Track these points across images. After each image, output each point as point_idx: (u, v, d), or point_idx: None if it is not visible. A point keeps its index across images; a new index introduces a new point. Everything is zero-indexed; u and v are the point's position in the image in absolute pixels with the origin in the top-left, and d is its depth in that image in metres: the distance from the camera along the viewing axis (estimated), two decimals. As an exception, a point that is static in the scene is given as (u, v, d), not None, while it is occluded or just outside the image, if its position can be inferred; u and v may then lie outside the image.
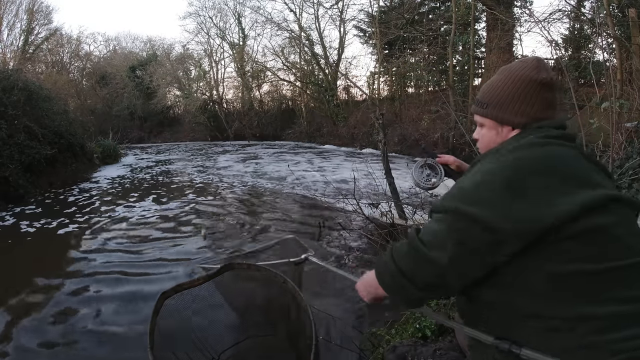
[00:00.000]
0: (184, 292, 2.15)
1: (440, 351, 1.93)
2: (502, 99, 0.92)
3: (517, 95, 0.90)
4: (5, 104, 8.15)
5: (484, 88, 0.98)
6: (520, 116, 0.91)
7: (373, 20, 17.29)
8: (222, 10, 22.57)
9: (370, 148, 15.13)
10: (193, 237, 5.32)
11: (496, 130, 0.95)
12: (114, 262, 4.52)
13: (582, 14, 8.25)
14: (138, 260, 4.58)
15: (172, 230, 5.70)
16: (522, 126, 0.91)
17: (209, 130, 23.01)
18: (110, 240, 5.29)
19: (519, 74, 0.91)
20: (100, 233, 5.64)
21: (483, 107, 0.97)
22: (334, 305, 3.29)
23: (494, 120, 0.95)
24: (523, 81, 0.90)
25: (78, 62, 24.70)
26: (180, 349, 2.00)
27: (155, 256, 4.68)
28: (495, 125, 0.95)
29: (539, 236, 0.74)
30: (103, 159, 12.81)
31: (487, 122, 0.97)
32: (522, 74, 0.90)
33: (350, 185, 5.45)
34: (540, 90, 0.90)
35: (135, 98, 23.19)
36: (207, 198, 7.89)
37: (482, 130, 1.00)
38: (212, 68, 23.88)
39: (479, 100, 0.99)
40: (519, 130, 0.92)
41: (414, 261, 0.83)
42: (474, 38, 13.11)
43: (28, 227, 5.93)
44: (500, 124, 0.94)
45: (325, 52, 20.52)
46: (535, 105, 0.90)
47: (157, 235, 5.46)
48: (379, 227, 4.41)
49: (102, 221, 6.24)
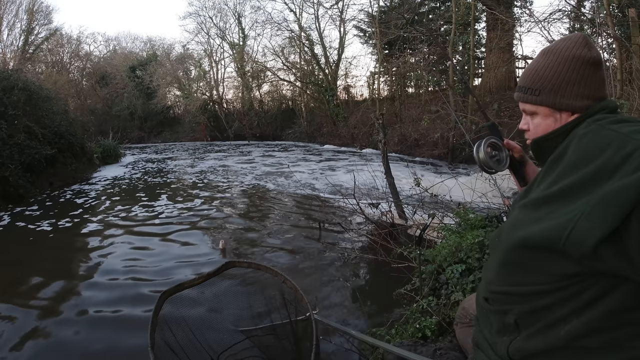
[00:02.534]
0: (184, 292, 2.15)
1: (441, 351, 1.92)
2: (557, 83, 0.85)
3: (573, 77, 0.84)
4: (5, 104, 8.15)
5: (529, 72, 0.89)
6: (581, 99, 0.84)
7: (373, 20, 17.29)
8: (222, 10, 22.66)
9: (370, 148, 15.13)
10: (193, 238, 5.32)
11: (553, 117, 0.88)
12: (113, 261, 4.52)
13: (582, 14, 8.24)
14: (138, 260, 4.57)
15: (173, 230, 5.70)
16: (584, 109, 0.84)
17: (209, 130, 23.02)
18: (110, 240, 5.28)
19: (570, 53, 0.84)
20: (100, 233, 5.64)
21: (535, 94, 0.88)
22: (334, 305, 3.30)
23: (550, 107, 0.87)
24: (577, 61, 0.83)
25: (78, 62, 24.75)
26: (180, 348, 2.00)
27: (155, 256, 4.68)
28: (551, 112, 0.87)
29: None
30: (103, 159, 12.82)
31: (541, 110, 0.89)
32: (573, 53, 0.84)
33: (350, 185, 5.45)
34: (594, 68, 0.84)
35: (135, 98, 23.20)
36: (207, 198, 7.88)
37: (535, 120, 0.91)
38: (212, 68, 23.94)
39: (527, 87, 0.90)
40: (579, 115, 0.84)
41: None
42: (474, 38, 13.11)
43: (27, 227, 5.94)
44: (558, 110, 0.87)
45: (325, 52, 20.56)
46: (592, 86, 0.84)
47: (157, 235, 5.46)
48: (379, 227, 4.41)
49: (102, 221, 6.24)
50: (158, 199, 7.87)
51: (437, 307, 2.32)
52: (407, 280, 2.78)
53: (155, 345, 1.82)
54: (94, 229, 5.83)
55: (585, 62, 0.83)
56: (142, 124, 24.05)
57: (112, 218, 6.43)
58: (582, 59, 0.83)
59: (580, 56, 0.83)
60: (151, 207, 7.14)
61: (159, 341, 1.88)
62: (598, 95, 0.84)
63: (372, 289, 3.68)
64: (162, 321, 1.99)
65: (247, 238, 5.29)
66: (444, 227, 3.14)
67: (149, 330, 1.86)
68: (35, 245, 5.23)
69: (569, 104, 0.85)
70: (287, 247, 4.81)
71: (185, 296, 2.17)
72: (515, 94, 0.96)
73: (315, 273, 4.02)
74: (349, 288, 3.66)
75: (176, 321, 2.08)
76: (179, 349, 1.99)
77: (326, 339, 2.53)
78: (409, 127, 14.44)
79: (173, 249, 4.89)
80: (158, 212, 6.76)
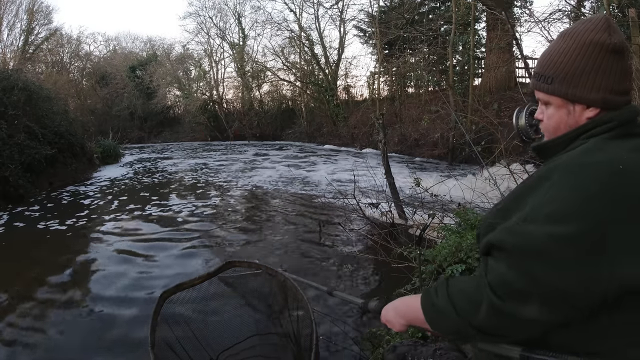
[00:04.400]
0: (184, 292, 2.15)
1: (441, 351, 1.92)
2: (571, 70, 0.75)
3: (588, 65, 0.74)
4: (5, 104, 8.16)
5: (544, 57, 0.81)
6: (596, 91, 0.74)
7: (373, 20, 17.28)
8: (222, 10, 22.62)
9: (371, 148, 15.12)
10: (193, 238, 5.32)
11: (566, 109, 0.78)
12: (113, 261, 4.52)
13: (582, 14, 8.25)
14: (138, 260, 4.58)
15: (173, 229, 5.70)
16: (600, 103, 0.75)
17: (209, 130, 23.01)
18: (110, 240, 5.28)
19: (587, 38, 0.74)
20: (100, 232, 5.64)
21: (547, 81, 0.79)
22: (334, 305, 3.29)
23: (562, 98, 0.78)
24: (594, 47, 0.73)
25: (78, 62, 24.71)
26: (181, 348, 2.00)
27: (155, 256, 4.68)
28: (564, 103, 0.78)
29: None
30: (103, 159, 12.82)
31: (553, 99, 0.80)
32: (591, 38, 0.74)
33: (350, 185, 5.45)
34: (614, 57, 0.74)
35: (135, 98, 23.19)
36: (207, 198, 7.88)
37: (548, 110, 0.82)
38: (212, 68, 23.91)
39: (540, 73, 0.81)
40: (594, 109, 0.76)
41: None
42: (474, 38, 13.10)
43: (27, 227, 5.94)
44: (570, 101, 0.77)
45: (325, 52, 20.54)
46: (611, 76, 0.74)
47: (157, 235, 5.46)
48: (379, 227, 4.42)
49: (102, 221, 6.24)
50: (158, 198, 7.87)
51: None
52: (407, 280, 2.78)
53: (156, 344, 1.83)
54: (94, 229, 5.83)
55: (604, 48, 0.73)
56: (142, 124, 24.04)
57: (113, 218, 6.43)
58: (600, 45, 0.73)
59: (599, 42, 0.73)
60: (151, 206, 7.14)
61: (159, 341, 1.89)
62: (618, 89, 0.75)
63: (372, 289, 3.68)
64: (162, 321, 2.00)
65: (247, 238, 5.29)
66: (444, 227, 3.14)
67: (149, 330, 1.86)
68: (36, 245, 5.23)
69: (582, 95, 0.76)
70: (287, 247, 4.81)
71: (185, 296, 2.18)
72: (530, 79, 0.88)
73: (315, 273, 4.02)
74: (349, 288, 3.66)
75: (176, 321, 2.08)
76: (179, 349, 1.99)
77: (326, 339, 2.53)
78: (409, 127, 14.42)
79: (173, 249, 4.89)
80: (158, 211, 6.76)
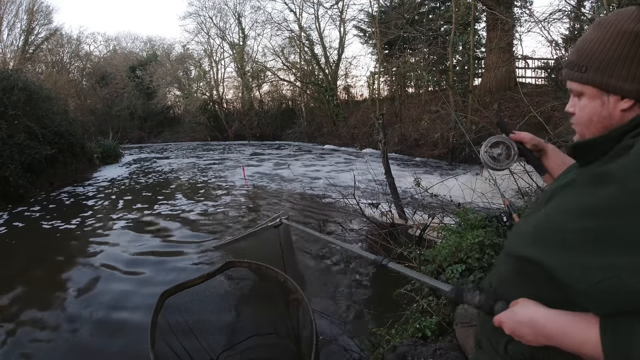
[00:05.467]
0: (184, 292, 2.15)
1: (441, 351, 1.92)
2: (606, 58, 0.74)
3: (623, 53, 0.72)
4: (5, 104, 8.16)
5: (579, 46, 0.79)
6: (631, 81, 0.72)
7: (373, 20, 17.28)
8: (222, 10, 22.61)
9: (371, 148, 15.12)
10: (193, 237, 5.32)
11: (600, 99, 0.76)
12: (113, 261, 4.52)
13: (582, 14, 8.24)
14: (138, 260, 4.58)
15: (173, 228, 5.70)
16: (636, 94, 0.72)
17: (209, 130, 23.01)
18: (110, 240, 5.28)
19: (622, 27, 0.73)
20: (100, 232, 5.64)
21: (581, 70, 0.77)
22: (334, 305, 3.30)
23: (597, 88, 0.76)
24: (629, 36, 0.72)
25: (78, 62, 24.70)
26: (181, 347, 2.00)
27: (155, 256, 4.68)
28: (598, 93, 0.76)
29: None
30: (103, 159, 12.82)
31: (587, 89, 0.78)
32: (625, 27, 0.72)
33: (350, 185, 5.45)
34: None
35: (135, 98, 23.19)
36: (207, 197, 7.88)
37: (581, 101, 0.79)
38: (212, 68, 23.90)
39: (574, 62, 0.79)
40: (629, 100, 0.73)
41: None
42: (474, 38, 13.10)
43: (27, 227, 5.94)
44: (605, 92, 0.75)
45: (325, 52, 20.53)
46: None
47: (158, 234, 5.46)
48: (379, 227, 4.42)
49: (102, 220, 6.24)
50: (158, 198, 7.87)
51: (437, 307, 2.33)
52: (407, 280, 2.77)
53: (156, 344, 1.82)
54: (95, 229, 5.83)
55: (639, 38, 0.71)
56: (142, 124, 24.04)
57: (113, 218, 6.43)
58: (635, 34, 0.71)
59: (633, 31, 0.71)
60: (151, 206, 7.14)
61: (159, 341, 1.88)
62: None
63: (372, 289, 3.68)
64: (163, 321, 1.99)
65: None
66: (444, 227, 3.14)
67: (149, 330, 1.86)
68: (36, 245, 5.23)
69: (616, 85, 0.73)
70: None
71: (185, 296, 2.18)
72: (563, 70, 0.86)
73: (315, 273, 4.03)
74: (349, 288, 3.66)
75: (176, 321, 2.08)
76: (180, 349, 1.99)
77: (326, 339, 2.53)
78: (409, 127, 14.42)
79: (173, 249, 4.89)
80: (158, 211, 6.76)
